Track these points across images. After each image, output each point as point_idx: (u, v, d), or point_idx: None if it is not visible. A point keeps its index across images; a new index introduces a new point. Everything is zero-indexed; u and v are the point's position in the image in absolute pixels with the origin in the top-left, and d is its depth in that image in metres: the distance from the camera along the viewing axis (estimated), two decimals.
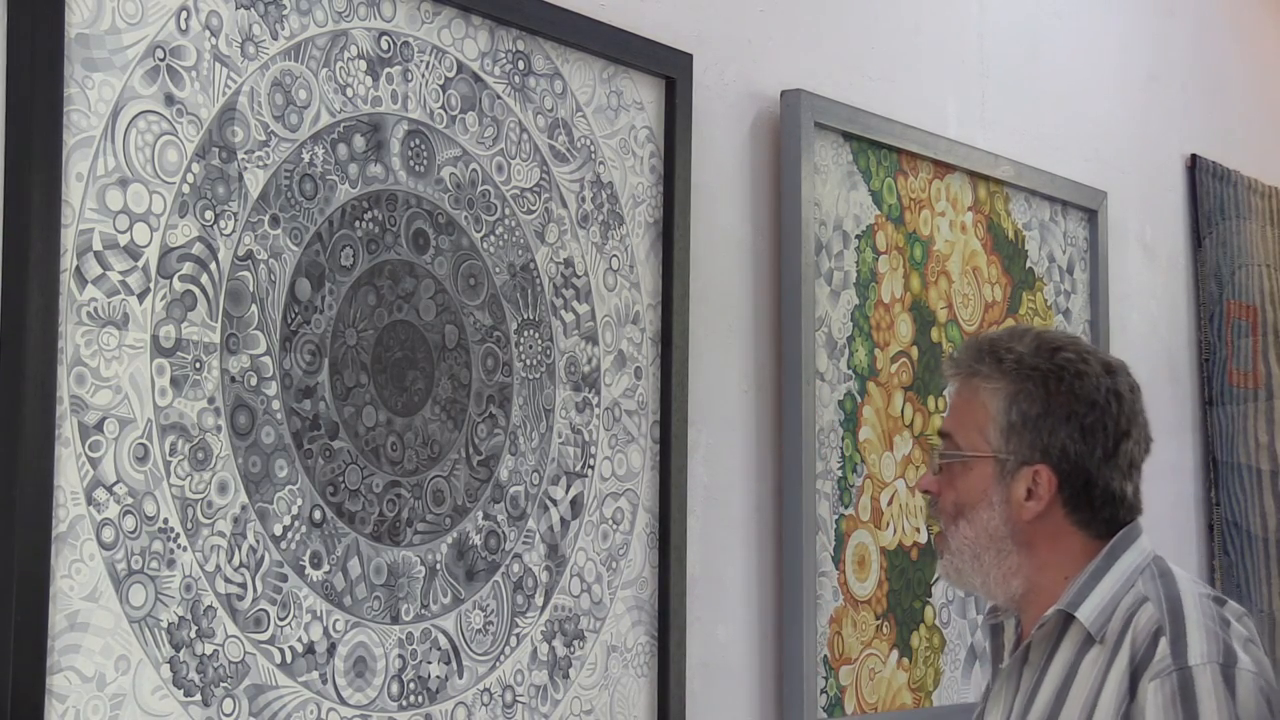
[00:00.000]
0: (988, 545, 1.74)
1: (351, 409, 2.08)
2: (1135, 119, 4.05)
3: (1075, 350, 1.78)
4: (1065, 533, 1.75)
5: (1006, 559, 1.74)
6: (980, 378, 1.76)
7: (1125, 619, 1.68)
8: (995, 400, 1.74)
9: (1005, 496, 1.74)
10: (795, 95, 2.81)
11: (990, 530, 1.74)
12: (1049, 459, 1.73)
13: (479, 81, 2.28)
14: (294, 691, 1.99)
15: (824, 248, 2.87)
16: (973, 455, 1.75)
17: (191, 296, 1.90)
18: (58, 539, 1.74)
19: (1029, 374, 1.74)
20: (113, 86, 1.82)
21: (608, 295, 2.47)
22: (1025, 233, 3.48)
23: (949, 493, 1.77)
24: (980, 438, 1.75)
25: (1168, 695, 1.60)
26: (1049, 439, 1.73)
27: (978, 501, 1.74)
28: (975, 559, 1.75)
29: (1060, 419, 1.73)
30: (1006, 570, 1.75)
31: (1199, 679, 1.60)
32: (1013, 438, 1.73)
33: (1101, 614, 1.70)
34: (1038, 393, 1.74)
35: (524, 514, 2.31)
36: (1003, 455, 1.73)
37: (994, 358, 1.76)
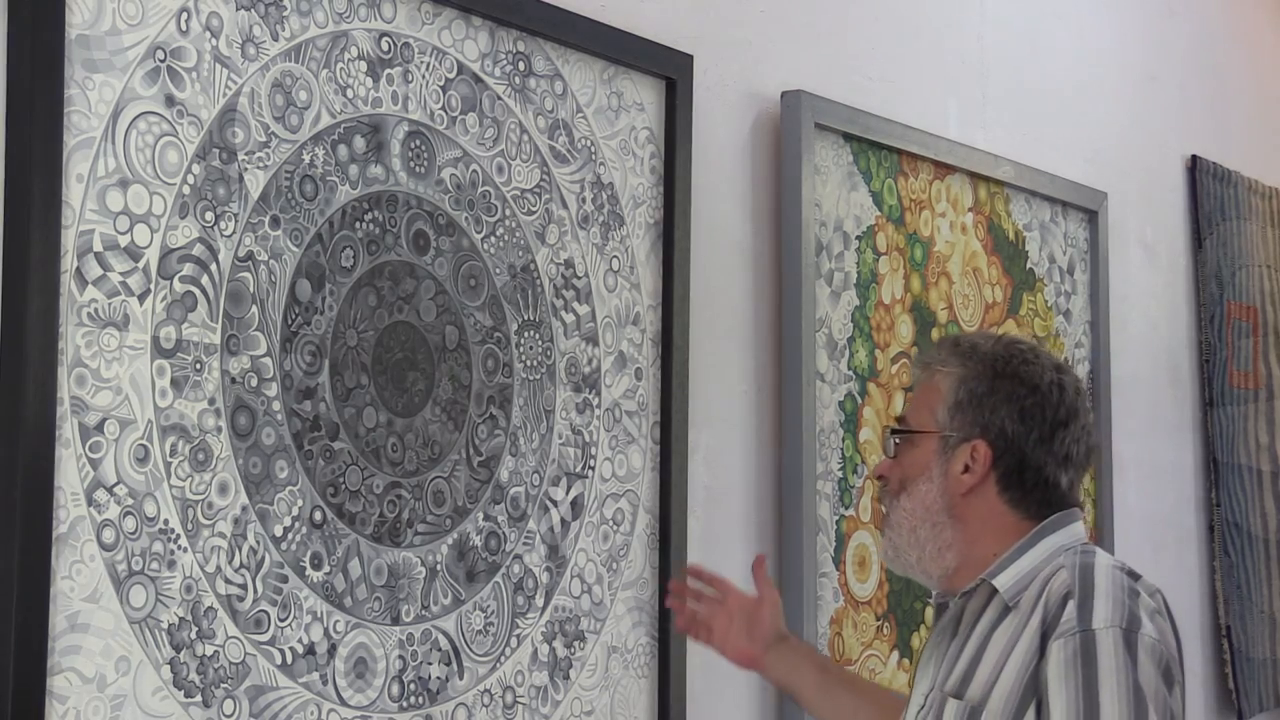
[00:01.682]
0: (924, 518, 1.83)
1: (352, 410, 2.08)
2: (1135, 120, 4.05)
3: (1030, 347, 1.89)
4: (997, 511, 1.83)
5: (941, 533, 1.82)
6: (938, 364, 1.87)
7: (1039, 587, 1.76)
8: (947, 382, 1.84)
9: (944, 470, 1.82)
10: (795, 96, 2.81)
11: (927, 503, 1.82)
12: (987, 435, 1.82)
13: (479, 82, 2.28)
14: (294, 692, 1.99)
15: (824, 249, 2.87)
16: (919, 431, 1.84)
17: (192, 297, 1.89)
18: (58, 540, 1.74)
19: (981, 358, 1.85)
20: (113, 87, 1.82)
21: (608, 296, 2.47)
22: (1026, 233, 3.48)
23: (895, 470, 1.87)
24: (930, 417, 1.85)
25: (1069, 655, 1.66)
26: (989, 416, 1.82)
27: (919, 475, 1.84)
28: (912, 532, 1.83)
29: (1002, 398, 1.83)
30: (941, 544, 1.82)
31: (1101, 641, 1.66)
32: (957, 415, 1.83)
33: (1018, 584, 1.77)
34: (985, 373, 1.83)
35: (524, 515, 2.31)
36: (947, 431, 1.82)
37: (953, 348, 1.87)
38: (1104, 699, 1.63)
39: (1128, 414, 3.88)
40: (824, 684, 2.07)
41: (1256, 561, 4.32)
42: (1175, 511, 4.13)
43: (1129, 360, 3.91)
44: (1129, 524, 3.84)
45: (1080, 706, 1.64)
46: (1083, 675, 1.65)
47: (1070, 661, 1.66)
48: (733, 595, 2.15)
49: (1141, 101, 4.09)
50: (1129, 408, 3.89)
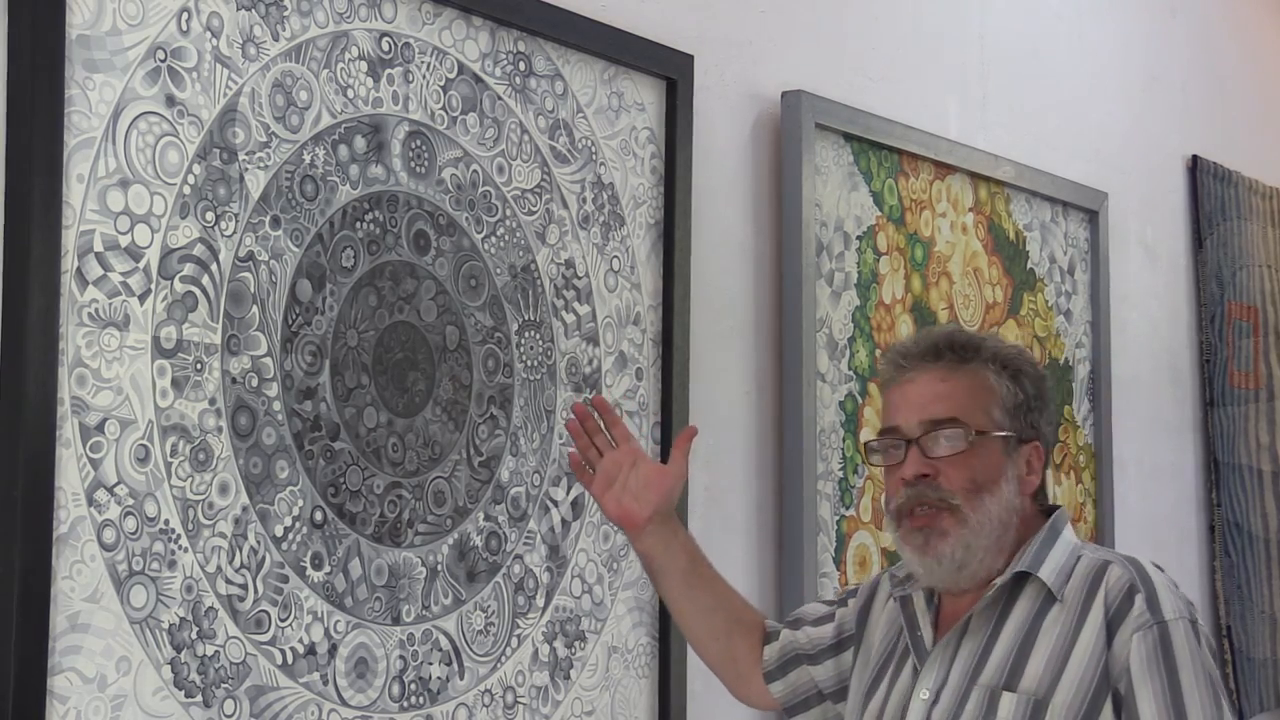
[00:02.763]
0: (1004, 520, 1.81)
1: (352, 410, 2.08)
2: (1136, 120, 4.05)
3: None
4: (1030, 507, 1.86)
5: (1008, 533, 1.82)
6: (978, 363, 1.84)
7: (1088, 579, 1.77)
8: (1001, 382, 1.83)
9: (1015, 472, 1.83)
10: (796, 96, 2.81)
11: (1009, 504, 1.82)
12: (1039, 435, 1.86)
13: (480, 83, 2.28)
14: (295, 692, 1.99)
15: (825, 249, 2.87)
16: (991, 434, 1.81)
17: (192, 298, 1.89)
18: (59, 540, 1.74)
19: (1019, 357, 1.87)
20: (114, 88, 1.82)
21: (609, 296, 2.47)
22: (1026, 233, 3.48)
23: (959, 471, 1.80)
24: (988, 418, 1.82)
25: (1150, 646, 1.71)
26: (1039, 416, 1.86)
27: (998, 478, 1.81)
28: (989, 534, 1.80)
29: (1044, 402, 1.88)
30: (1002, 546, 1.82)
31: (1174, 631, 1.72)
32: (1017, 417, 1.84)
33: (1060, 575, 1.79)
34: (1032, 372, 1.87)
35: (525, 515, 2.31)
36: (1009, 433, 1.82)
37: (985, 346, 1.86)
38: (1184, 685, 1.69)
39: (1128, 414, 3.88)
40: (691, 574, 2.05)
41: (1257, 562, 4.32)
42: (1176, 511, 4.13)
43: (1129, 360, 3.90)
44: (1129, 524, 3.84)
45: (1166, 694, 1.69)
46: (1164, 664, 1.70)
47: (1152, 652, 1.71)
48: (639, 453, 2.03)
49: (1142, 101, 4.09)
50: (1129, 408, 3.88)
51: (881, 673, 1.92)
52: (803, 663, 2.05)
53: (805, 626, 2.07)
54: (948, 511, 1.80)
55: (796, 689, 2.06)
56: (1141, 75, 4.09)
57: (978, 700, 1.76)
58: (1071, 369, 3.63)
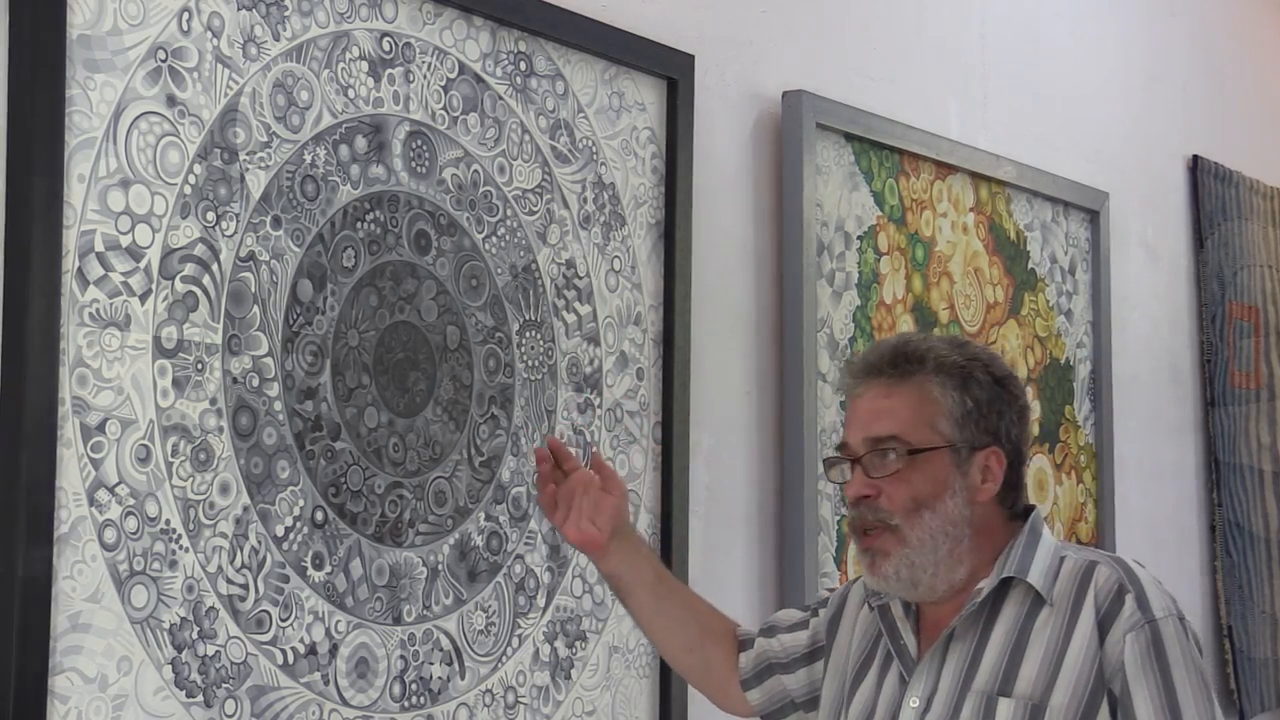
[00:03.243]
0: (949, 533, 1.80)
1: (353, 410, 2.08)
2: (1137, 120, 4.05)
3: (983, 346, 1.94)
4: (996, 515, 1.84)
5: (959, 546, 1.81)
6: (922, 375, 1.82)
7: (1076, 581, 1.77)
8: (946, 392, 1.81)
9: (964, 483, 1.80)
10: (797, 96, 2.81)
11: (954, 517, 1.80)
12: (999, 441, 1.82)
13: (481, 82, 2.28)
14: (296, 692, 1.99)
15: (826, 249, 2.86)
16: (931, 448, 1.79)
17: (193, 297, 1.89)
18: (60, 540, 1.74)
19: (971, 364, 1.83)
20: (114, 88, 1.82)
21: (609, 296, 2.47)
22: (1027, 233, 3.48)
23: (900, 489, 1.80)
24: (932, 431, 1.80)
25: (1144, 645, 1.71)
26: (998, 422, 1.82)
27: (940, 491, 1.80)
28: (934, 551, 1.80)
29: (1006, 403, 1.83)
30: (956, 558, 1.81)
31: (1164, 629, 1.72)
32: (967, 425, 1.81)
33: (1047, 577, 1.79)
34: (985, 379, 1.82)
35: (526, 515, 2.31)
36: (958, 443, 1.80)
37: (932, 355, 1.83)
38: (1178, 682, 1.71)
39: (1129, 414, 3.87)
40: (658, 588, 2.04)
41: (1258, 561, 4.32)
42: (1176, 511, 4.12)
43: (1130, 360, 3.90)
44: (1130, 524, 3.84)
45: (1161, 692, 1.70)
46: (1158, 664, 1.71)
47: (1146, 651, 1.71)
48: (579, 474, 2.03)
49: (1143, 101, 4.09)
50: (1130, 407, 3.88)
51: (858, 682, 1.91)
52: (776, 671, 2.03)
53: (779, 634, 2.04)
54: (889, 531, 1.80)
55: (772, 697, 2.04)
56: (1142, 75, 4.09)
57: (973, 707, 1.76)
58: (1072, 369, 3.63)
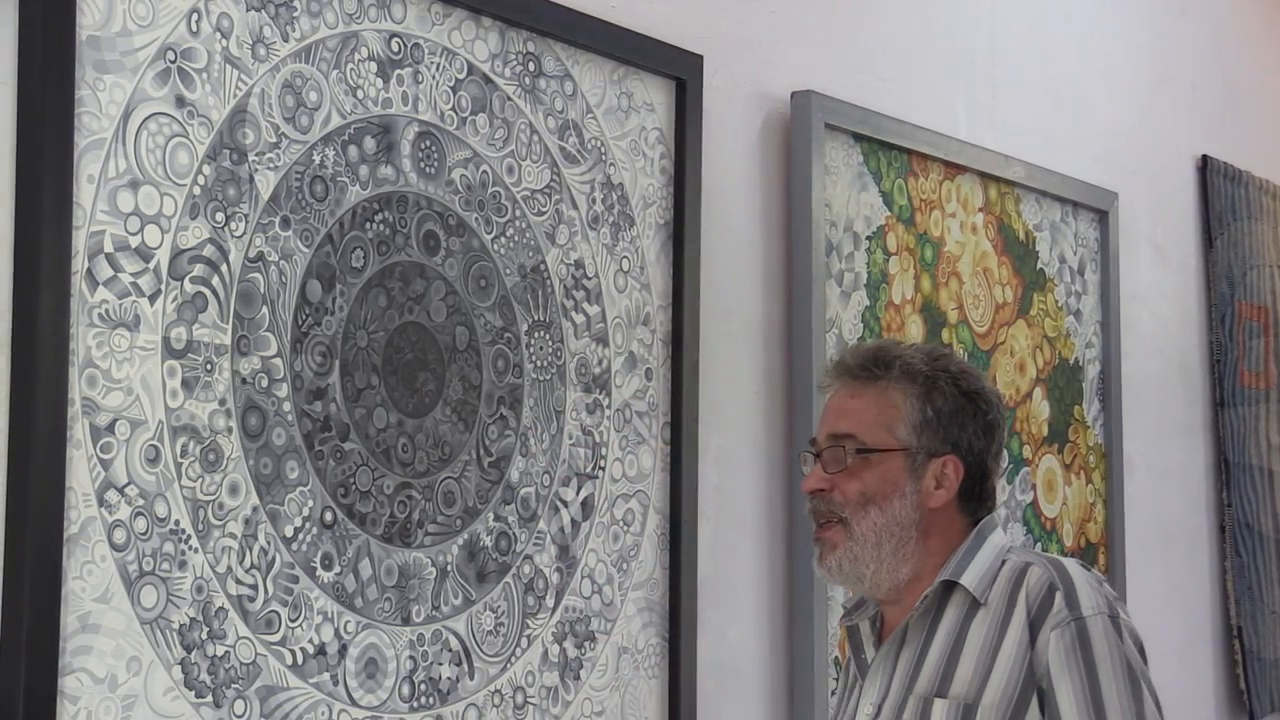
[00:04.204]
0: (894, 533, 1.86)
1: (362, 410, 2.08)
2: (1146, 120, 4.05)
3: (959, 358, 1.96)
4: (953, 521, 1.89)
5: (904, 546, 1.86)
6: (888, 380, 1.89)
7: (1010, 582, 1.82)
8: (907, 399, 1.87)
9: (916, 486, 1.86)
10: (805, 96, 2.81)
11: (900, 518, 1.86)
12: (958, 450, 1.88)
13: (489, 83, 2.28)
14: (305, 693, 1.99)
15: (834, 249, 2.86)
16: (884, 449, 1.86)
17: (203, 298, 1.90)
18: (69, 540, 1.74)
19: (939, 374, 1.89)
20: (124, 88, 1.82)
21: (618, 296, 2.47)
22: (1036, 234, 3.47)
23: (852, 484, 1.87)
24: (888, 434, 1.87)
25: (1068, 642, 1.76)
26: (959, 433, 1.88)
27: (890, 492, 1.86)
28: (876, 547, 1.86)
29: (969, 415, 1.89)
30: (901, 558, 1.86)
31: (1092, 627, 1.76)
32: (925, 432, 1.87)
33: (983, 580, 1.83)
34: (950, 391, 1.88)
35: (535, 515, 2.31)
36: (914, 449, 1.86)
37: (901, 363, 1.89)
38: (1103, 679, 1.74)
39: (1138, 414, 3.87)
40: None
41: (1268, 562, 4.31)
42: (1186, 512, 4.12)
43: (1139, 360, 3.90)
44: (1139, 524, 3.83)
45: (1085, 688, 1.74)
46: (1082, 659, 1.75)
47: (1070, 648, 1.75)
48: None
49: (1152, 101, 4.08)
50: (1139, 408, 3.88)
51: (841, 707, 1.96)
52: None
53: None
54: (838, 524, 1.88)
55: None
56: (1151, 75, 4.08)
57: (913, 710, 1.81)
58: (1081, 369, 3.63)
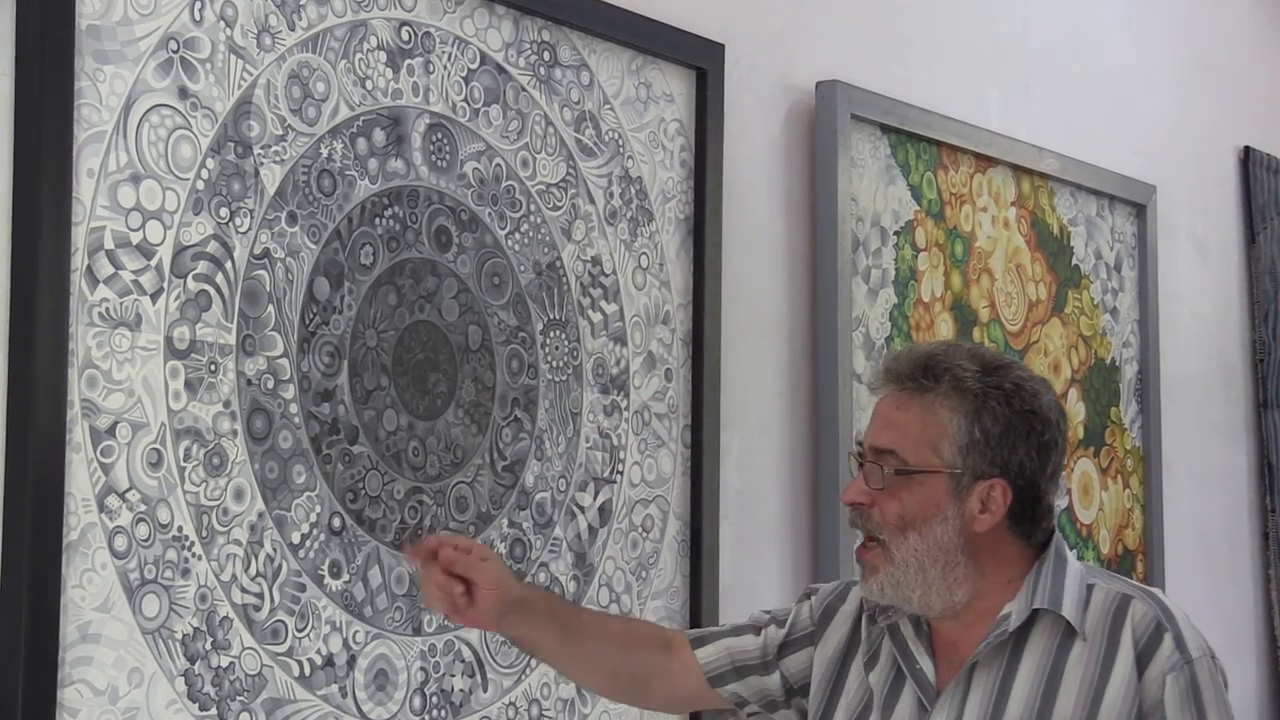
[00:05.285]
0: (937, 557, 1.81)
1: (372, 412, 2.08)
2: (1186, 110, 4.03)
3: (1021, 369, 1.88)
4: (1006, 542, 1.84)
5: (953, 570, 1.81)
6: (935, 394, 1.82)
7: (1109, 615, 1.79)
8: (954, 417, 1.80)
9: (959, 510, 1.80)
10: (831, 86, 2.80)
11: (942, 543, 1.81)
12: (1006, 474, 1.81)
13: (503, 73, 2.28)
14: (313, 705, 1.99)
15: (861, 245, 2.86)
16: (926, 471, 1.80)
17: (206, 296, 1.90)
18: (69, 547, 1.75)
19: (991, 392, 1.81)
20: (125, 79, 1.83)
21: (637, 294, 2.47)
22: (1071, 229, 3.46)
23: (891, 505, 1.81)
24: (932, 453, 1.80)
25: (1184, 687, 1.74)
26: (1008, 455, 1.81)
27: (930, 516, 1.80)
28: (920, 572, 1.81)
29: (1021, 436, 1.81)
30: (952, 581, 1.81)
31: (1199, 670, 1.75)
32: (971, 454, 1.80)
33: (1078, 610, 1.80)
34: (1001, 411, 1.81)
35: (550, 521, 2.31)
36: (958, 470, 1.80)
37: (951, 375, 1.82)
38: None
39: (1178, 416, 3.86)
40: (566, 638, 2.00)
41: None
42: (1227, 518, 4.10)
43: (1179, 360, 3.88)
44: (1179, 531, 3.82)
45: None
46: (1194, 705, 1.74)
47: (1185, 694, 1.74)
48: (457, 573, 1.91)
49: (1192, 91, 4.07)
50: (1179, 409, 3.86)
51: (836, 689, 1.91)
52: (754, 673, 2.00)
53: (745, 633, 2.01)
54: (878, 547, 1.83)
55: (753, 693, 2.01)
56: (1192, 63, 4.07)
57: None
58: (1118, 369, 3.61)
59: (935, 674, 1.85)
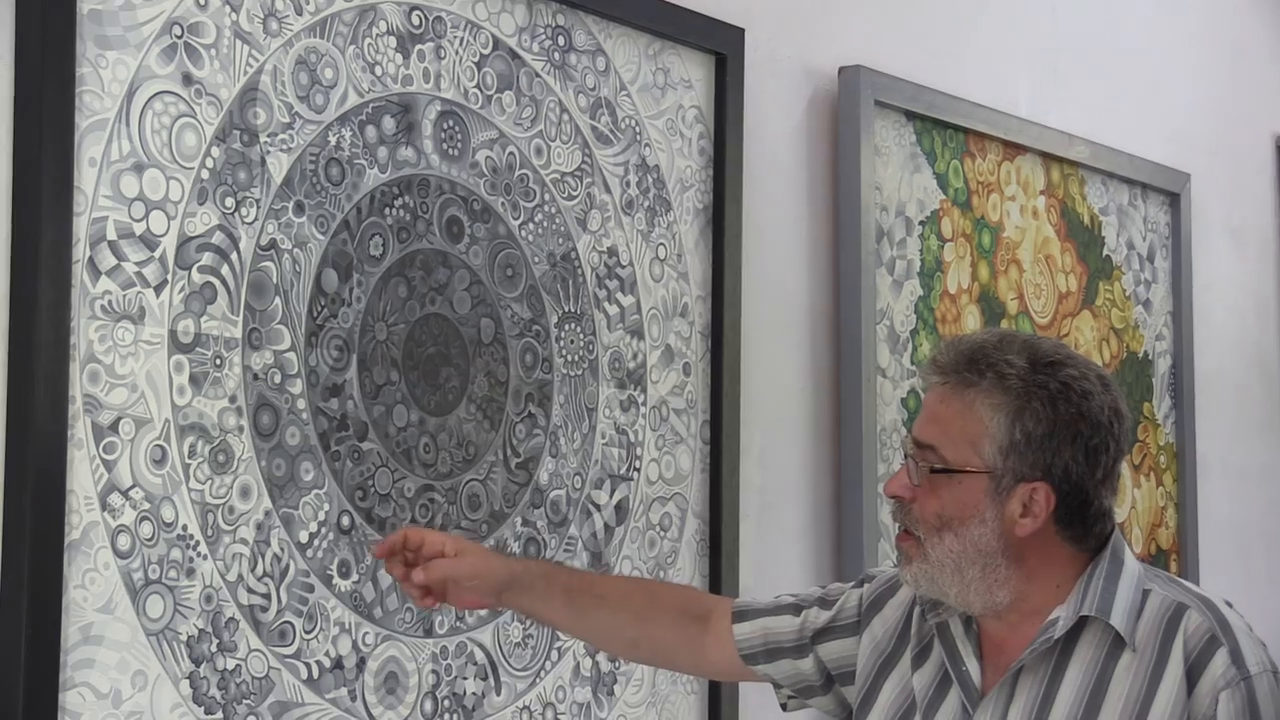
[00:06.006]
0: (975, 559, 1.78)
1: (381, 408, 2.08)
2: (1221, 96, 4.02)
3: (1075, 365, 1.82)
4: (1054, 546, 1.80)
5: (993, 572, 1.78)
6: (977, 390, 1.78)
7: (1161, 624, 1.75)
8: (996, 416, 1.77)
9: (999, 513, 1.77)
10: (854, 72, 2.79)
11: (980, 546, 1.78)
12: (1050, 478, 1.77)
13: (516, 59, 2.27)
14: (321, 709, 1.99)
15: (885, 235, 2.85)
16: (965, 470, 1.77)
17: (211, 289, 1.90)
18: (70, 547, 1.75)
19: (1034, 391, 1.77)
20: (127, 66, 1.83)
21: (654, 286, 2.46)
22: (1102, 218, 3.45)
23: (930, 503, 1.79)
24: (973, 452, 1.77)
25: (1239, 705, 1.69)
26: (1052, 458, 1.77)
27: (968, 517, 1.77)
28: (957, 572, 1.78)
29: (1066, 440, 1.77)
30: (992, 582, 1.79)
31: (1258, 687, 1.71)
32: (1012, 455, 1.76)
33: (1129, 617, 1.76)
34: (1044, 412, 1.76)
35: (565, 520, 2.31)
36: (998, 472, 1.76)
37: (994, 371, 1.78)
38: None
39: (1213, 412, 3.84)
40: (573, 610, 2.01)
41: None
42: (1265, 517, 4.09)
43: (1214, 354, 3.87)
44: (1214, 531, 3.81)
45: None
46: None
47: (1241, 713, 1.70)
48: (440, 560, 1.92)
49: (1227, 76, 4.05)
50: (1214, 405, 3.85)
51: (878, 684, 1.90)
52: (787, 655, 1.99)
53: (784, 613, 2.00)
54: (915, 541, 1.81)
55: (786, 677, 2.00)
56: (1227, 47, 4.05)
57: None
58: (1151, 363, 3.60)
59: (981, 676, 1.83)
